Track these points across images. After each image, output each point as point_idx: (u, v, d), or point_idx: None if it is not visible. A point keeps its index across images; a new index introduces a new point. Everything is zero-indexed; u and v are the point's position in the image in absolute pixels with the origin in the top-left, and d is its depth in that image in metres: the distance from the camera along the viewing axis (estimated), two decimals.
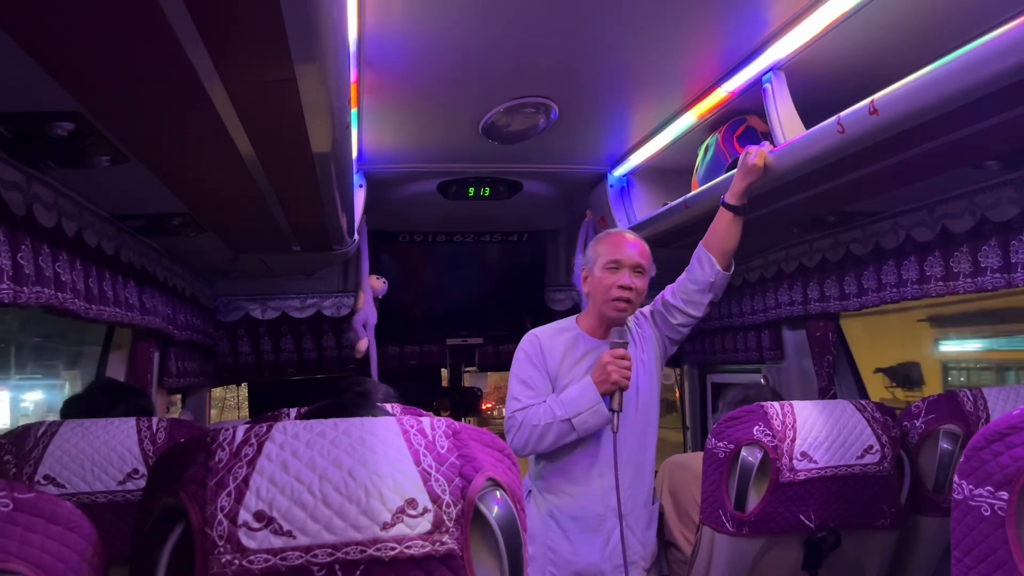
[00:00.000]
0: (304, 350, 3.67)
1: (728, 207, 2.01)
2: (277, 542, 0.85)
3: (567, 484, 2.12)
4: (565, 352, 2.15)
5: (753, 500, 1.81)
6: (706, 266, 2.10)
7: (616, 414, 1.96)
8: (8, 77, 1.13)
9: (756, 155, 1.86)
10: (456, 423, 0.99)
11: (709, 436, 1.92)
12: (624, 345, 2.02)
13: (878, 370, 5.74)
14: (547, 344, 2.16)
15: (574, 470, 2.11)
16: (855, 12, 1.52)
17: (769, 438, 1.79)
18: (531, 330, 2.22)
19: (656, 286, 2.26)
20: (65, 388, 5.33)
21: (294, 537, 0.86)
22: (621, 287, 2.08)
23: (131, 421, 1.71)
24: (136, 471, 1.65)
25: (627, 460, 2.09)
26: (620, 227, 2.84)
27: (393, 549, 0.87)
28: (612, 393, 1.97)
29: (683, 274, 2.16)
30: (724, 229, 2.05)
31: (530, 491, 2.21)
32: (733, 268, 2.13)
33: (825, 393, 2.67)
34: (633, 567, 2.08)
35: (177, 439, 1.67)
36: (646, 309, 2.27)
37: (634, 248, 2.13)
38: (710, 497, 1.90)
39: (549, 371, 2.13)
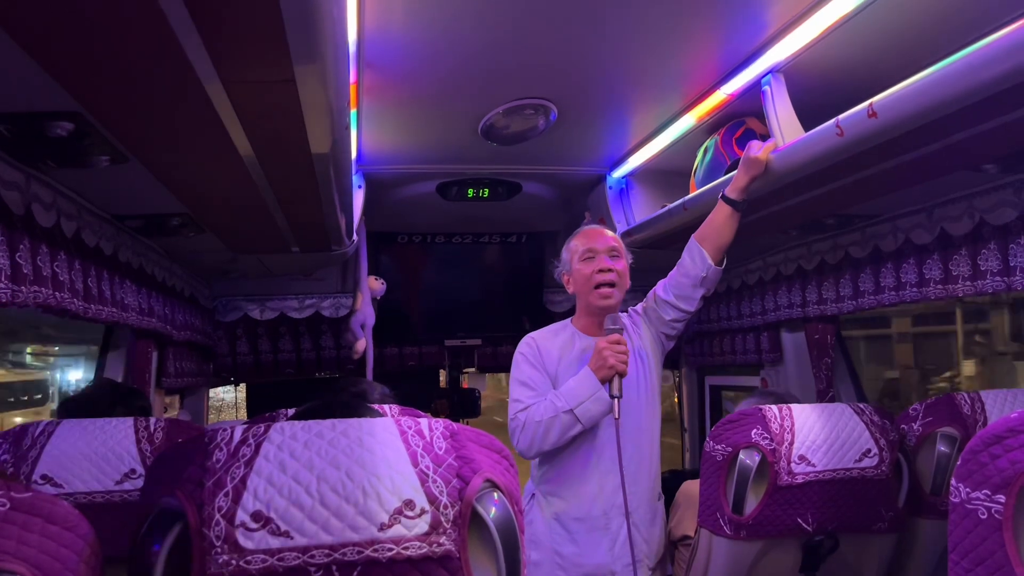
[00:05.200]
0: (303, 350, 3.67)
1: (728, 201, 2.00)
2: (274, 542, 0.85)
3: (570, 484, 2.11)
4: (562, 351, 2.16)
5: (751, 503, 1.81)
6: (697, 260, 2.09)
7: (617, 400, 1.93)
8: (8, 77, 1.13)
9: (759, 148, 1.85)
10: (454, 424, 0.99)
11: (707, 439, 1.92)
12: (619, 331, 2.01)
13: None
14: (543, 345, 2.17)
15: (577, 470, 2.10)
16: (854, 15, 1.52)
17: (767, 441, 1.79)
18: (528, 333, 2.24)
19: None
20: None
21: (291, 538, 0.86)
22: (601, 271, 2.11)
23: (129, 421, 1.71)
24: (134, 471, 1.65)
25: (630, 456, 2.07)
26: (619, 229, 2.85)
27: (390, 550, 0.87)
28: (611, 379, 1.96)
29: (674, 269, 2.16)
30: (720, 223, 2.04)
31: (533, 495, 2.20)
32: (724, 264, 2.12)
33: (823, 396, 2.67)
34: (638, 565, 2.06)
35: (175, 439, 1.67)
36: (639, 306, 2.28)
37: (604, 235, 2.19)
38: (708, 500, 1.90)
39: (547, 370, 2.14)
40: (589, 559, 2.08)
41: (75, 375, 8.52)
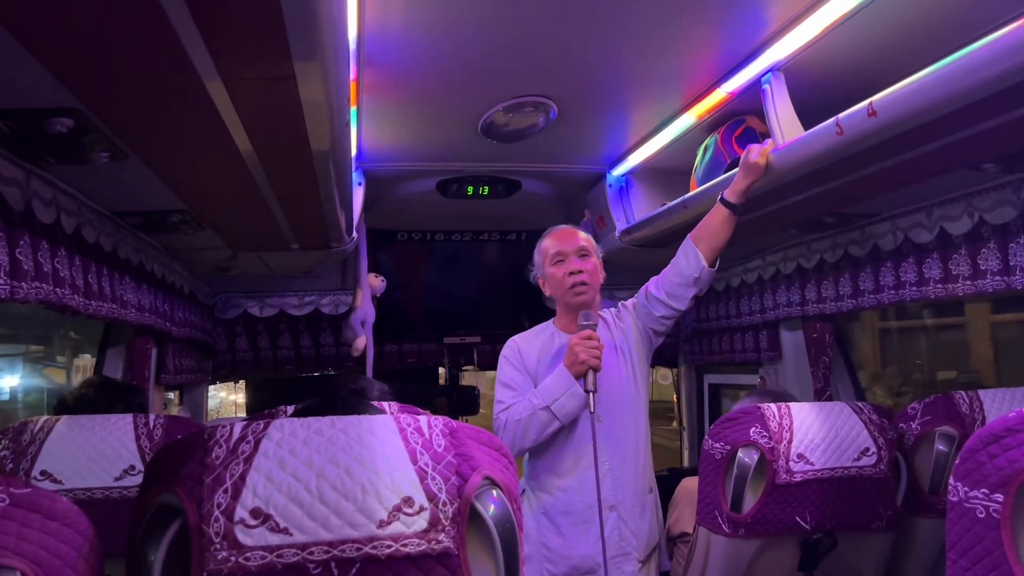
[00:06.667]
0: (302, 347, 3.67)
1: (726, 204, 2.00)
2: (274, 539, 0.85)
3: (555, 479, 2.13)
4: (542, 351, 2.20)
5: (749, 501, 1.82)
6: (692, 260, 2.10)
7: (592, 394, 1.94)
8: (8, 73, 1.13)
9: (758, 153, 1.85)
10: (453, 422, 0.99)
11: (706, 437, 1.92)
12: (592, 327, 2.03)
13: None
14: (524, 347, 2.22)
15: (560, 464, 2.13)
16: (854, 14, 1.52)
17: (766, 439, 1.79)
18: (511, 337, 2.28)
19: None
20: None
21: (291, 534, 0.86)
22: (571, 273, 2.15)
23: (128, 418, 1.71)
24: (133, 467, 1.65)
25: (614, 450, 2.10)
26: (619, 227, 2.85)
27: (389, 547, 0.88)
28: (585, 374, 1.97)
29: (668, 267, 2.17)
30: (717, 225, 2.04)
31: (524, 490, 2.22)
32: (718, 265, 2.13)
33: (821, 395, 2.67)
34: (626, 558, 2.08)
35: (174, 436, 1.67)
36: (630, 301, 2.29)
37: (571, 235, 2.22)
38: (706, 498, 1.90)
39: (528, 371, 2.17)
40: (575, 551, 2.10)
41: (9, 381, 6.92)
